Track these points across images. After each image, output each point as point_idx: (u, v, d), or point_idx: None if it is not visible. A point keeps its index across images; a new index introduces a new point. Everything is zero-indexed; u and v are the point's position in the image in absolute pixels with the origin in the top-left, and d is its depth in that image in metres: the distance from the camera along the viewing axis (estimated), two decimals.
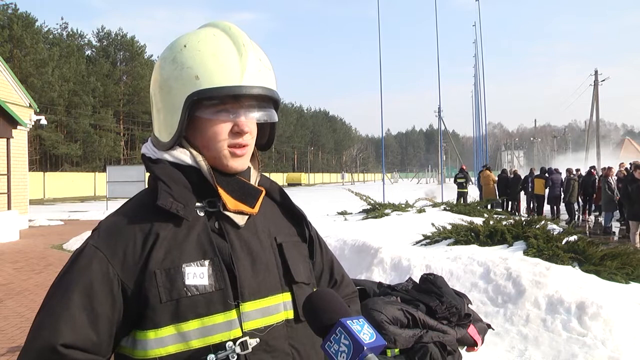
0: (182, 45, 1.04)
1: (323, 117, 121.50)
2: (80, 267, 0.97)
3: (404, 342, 3.54)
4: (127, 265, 0.97)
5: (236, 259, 1.02)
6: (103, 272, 0.96)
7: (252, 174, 1.13)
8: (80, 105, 49.87)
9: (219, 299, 0.98)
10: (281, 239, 1.12)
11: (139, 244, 0.99)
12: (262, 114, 1.06)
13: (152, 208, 1.01)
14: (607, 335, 4.16)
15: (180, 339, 0.96)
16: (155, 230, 1.00)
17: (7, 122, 13.56)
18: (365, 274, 6.00)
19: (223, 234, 1.03)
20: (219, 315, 0.98)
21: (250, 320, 1.00)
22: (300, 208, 1.22)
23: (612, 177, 14.48)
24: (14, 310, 6.40)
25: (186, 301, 0.96)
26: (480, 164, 33.45)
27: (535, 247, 6.02)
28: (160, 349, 0.96)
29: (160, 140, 1.08)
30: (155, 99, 1.09)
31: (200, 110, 1.02)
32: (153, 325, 0.96)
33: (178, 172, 1.04)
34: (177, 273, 0.97)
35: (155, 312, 0.96)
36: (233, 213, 1.05)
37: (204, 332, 0.97)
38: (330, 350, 0.87)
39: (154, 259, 0.97)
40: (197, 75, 1.00)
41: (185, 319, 0.96)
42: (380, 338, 0.87)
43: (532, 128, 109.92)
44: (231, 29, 1.06)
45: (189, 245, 1.00)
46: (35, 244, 12.53)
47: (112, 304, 0.96)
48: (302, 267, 1.13)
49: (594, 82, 41.79)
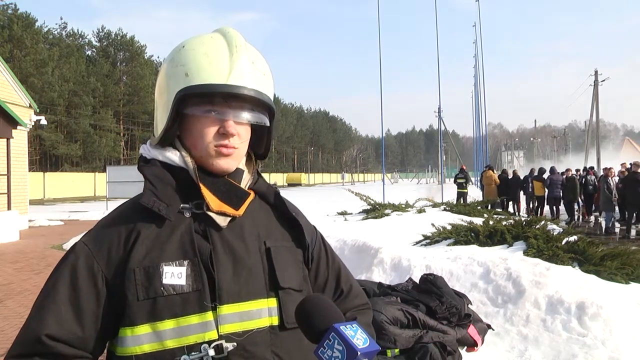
0: (182, 46, 1.07)
1: (323, 117, 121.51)
2: (68, 263, 1.00)
3: (404, 342, 3.54)
4: (110, 261, 0.99)
5: (216, 261, 1.01)
6: (88, 267, 0.99)
7: (244, 176, 1.12)
8: (80, 106, 49.87)
9: (196, 300, 0.98)
10: (271, 243, 1.09)
11: (122, 241, 1.00)
12: (250, 115, 1.06)
13: (138, 207, 1.03)
14: (607, 336, 4.16)
15: (155, 338, 0.96)
16: (137, 228, 1.01)
17: (7, 122, 13.56)
18: (365, 274, 6.00)
19: (206, 236, 1.03)
20: (195, 317, 0.97)
21: (227, 323, 0.99)
22: (299, 213, 1.19)
23: (612, 177, 14.48)
24: (14, 311, 6.40)
25: (162, 300, 0.97)
26: (480, 164, 33.46)
27: (535, 247, 6.02)
28: (136, 347, 0.96)
29: (155, 136, 1.11)
30: (155, 97, 1.12)
31: (190, 108, 1.04)
32: (130, 323, 0.96)
33: (165, 172, 1.06)
34: (155, 272, 0.98)
35: (132, 310, 0.96)
36: (215, 214, 1.04)
37: (179, 332, 0.96)
38: (323, 356, 0.86)
39: (135, 256, 0.99)
40: (187, 73, 1.02)
41: (161, 318, 0.96)
42: (374, 343, 0.86)
43: (532, 128, 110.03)
44: (229, 32, 1.07)
45: (171, 245, 1.00)
46: (35, 244, 12.53)
47: (96, 298, 0.98)
48: (292, 272, 1.09)
49: (594, 82, 41.74)
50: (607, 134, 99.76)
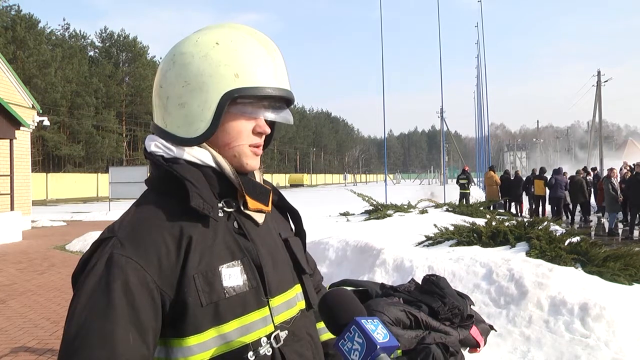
0: (214, 42, 1.02)
1: (325, 118, 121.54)
2: (116, 279, 0.90)
3: (406, 343, 3.53)
4: (164, 272, 0.94)
5: (261, 257, 1.04)
6: (142, 282, 0.91)
7: (256, 173, 1.15)
8: (82, 106, 49.98)
9: (253, 297, 1.00)
10: (284, 234, 1.17)
11: (172, 248, 0.96)
12: (282, 115, 1.08)
13: (175, 210, 0.99)
14: (610, 337, 4.15)
15: (221, 341, 0.96)
16: (187, 233, 0.98)
17: (10, 123, 13.60)
18: (367, 275, 6.00)
19: (244, 234, 1.05)
20: (255, 313, 1.00)
21: (279, 314, 1.04)
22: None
23: (615, 177, 14.46)
24: (16, 311, 6.41)
25: (225, 302, 0.97)
26: (482, 165, 33.43)
27: (537, 248, 6.01)
28: (202, 353, 0.94)
29: (184, 136, 1.03)
30: (175, 92, 1.03)
31: (231, 107, 1.03)
32: (195, 330, 0.94)
33: (199, 172, 1.03)
34: (215, 275, 0.97)
35: (196, 317, 0.94)
36: (253, 212, 1.08)
37: (242, 331, 0.98)
38: (343, 348, 0.88)
39: (191, 262, 0.96)
40: (237, 73, 1.01)
41: (226, 320, 0.96)
42: (394, 339, 0.88)
43: (535, 129, 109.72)
44: (257, 34, 1.08)
45: (219, 247, 1.00)
46: (38, 245, 12.56)
47: (155, 314, 0.93)
48: (305, 259, 1.20)
49: (597, 82, 41.69)
50: (610, 135, 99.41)
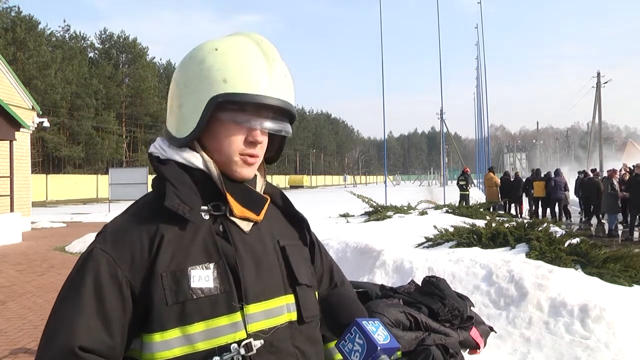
0: (214, 48, 1.06)
1: (325, 119, 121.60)
2: (89, 271, 0.97)
3: (406, 344, 3.53)
4: (134, 267, 0.98)
5: (240, 262, 1.03)
6: (112, 274, 0.97)
7: (257, 181, 1.15)
8: (82, 108, 50.02)
9: (224, 302, 0.99)
10: (284, 242, 1.14)
11: (145, 246, 0.99)
12: (278, 125, 1.08)
13: (158, 210, 1.01)
14: (610, 338, 4.15)
15: (186, 342, 0.97)
16: (160, 232, 1.00)
17: (9, 125, 13.60)
18: (367, 276, 5.99)
19: (227, 238, 1.04)
20: (224, 318, 0.99)
21: (254, 322, 1.01)
22: (301, 212, 1.23)
23: (616, 178, 14.46)
24: (16, 313, 6.40)
25: (192, 304, 0.97)
26: (482, 166, 33.45)
27: (537, 249, 6.00)
28: (166, 351, 0.96)
29: (176, 135, 1.08)
30: (177, 94, 1.09)
31: (220, 113, 1.03)
32: (159, 328, 0.96)
33: (185, 174, 1.05)
34: (183, 276, 0.98)
35: (161, 315, 0.96)
36: (239, 219, 1.07)
37: (209, 334, 0.97)
38: (344, 349, 0.88)
39: (161, 261, 0.98)
40: (225, 79, 1.02)
41: (191, 322, 0.97)
42: (395, 341, 0.88)
43: (535, 130, 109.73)
44: (263, 42, 1.08)
45: (195, 248, 1.01)
46: (37, 246, 12.56)
47: (122, 306, 0.97)
48: (305, 269, 1.15)
49: (597, 84, 41.69)
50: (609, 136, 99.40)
